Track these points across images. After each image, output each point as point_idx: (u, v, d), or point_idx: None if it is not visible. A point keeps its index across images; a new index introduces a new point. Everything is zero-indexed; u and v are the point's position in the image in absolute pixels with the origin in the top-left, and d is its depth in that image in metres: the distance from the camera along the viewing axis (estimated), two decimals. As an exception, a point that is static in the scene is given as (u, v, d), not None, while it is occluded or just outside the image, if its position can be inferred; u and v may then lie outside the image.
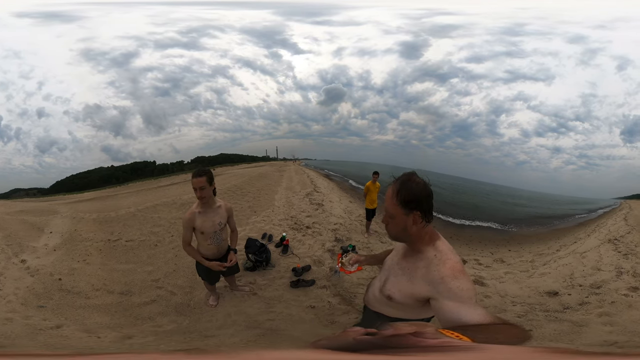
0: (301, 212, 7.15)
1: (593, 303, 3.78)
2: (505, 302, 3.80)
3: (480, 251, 6.47)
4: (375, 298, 1.52)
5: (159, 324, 3.17)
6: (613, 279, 4.42)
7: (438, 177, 21.84)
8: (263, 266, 4.15)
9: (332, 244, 5.24)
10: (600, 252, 5.58)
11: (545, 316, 3.51)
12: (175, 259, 4.56)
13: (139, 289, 3.88)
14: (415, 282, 1.25)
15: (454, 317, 1.04)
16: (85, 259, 4.84)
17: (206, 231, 2.65)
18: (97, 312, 3.39)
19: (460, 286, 1.10)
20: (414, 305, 1.29)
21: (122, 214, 7.18)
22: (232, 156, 16.10)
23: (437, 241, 1.26)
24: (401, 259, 1.38)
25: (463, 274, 1.14)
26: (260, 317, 3.21)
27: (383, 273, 1.52)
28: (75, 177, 10.75)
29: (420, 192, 1.20)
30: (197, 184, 2.46)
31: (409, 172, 1.26)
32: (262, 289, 3.72)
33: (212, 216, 2.67)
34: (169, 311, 3.39)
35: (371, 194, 5.85)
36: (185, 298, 3.60)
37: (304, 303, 3.48)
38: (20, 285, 4.00)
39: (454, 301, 1.08)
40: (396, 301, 1.34)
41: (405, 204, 1.20)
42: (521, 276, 4.71)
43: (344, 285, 3.79)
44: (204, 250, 2.75)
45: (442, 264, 1.18)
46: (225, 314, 3.24)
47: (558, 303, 3.80)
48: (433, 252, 1.23)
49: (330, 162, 23.21)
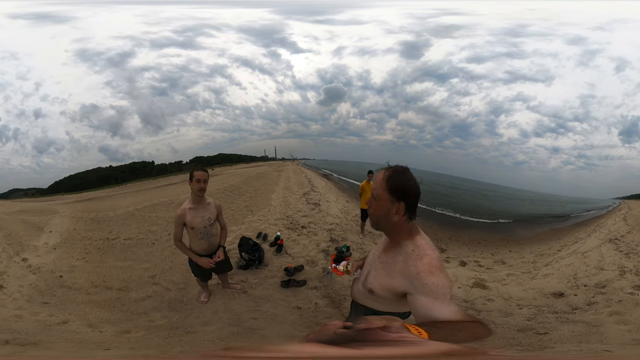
0: (297, 211, 7.19)
1: (601, 302, 3.74)
2: (511, 306, 3.74)
3: (480, 252, 6.35)
4: (359, 291, 1.57)
5: (152, 318, 3.27)
6: (617, 278, 4.41)
7: (437, 177, 21.77)
8: (256, 265, 4.21)
9: (327, 244, 5.25)
10: (602, 252, 5.60)
11: (555, 318, 3.46)
12: (171, 256, 4.67)
13: (136, 285, 3.98)
14: (393, 277, 1.28)
15: (427, 313, 1.07)
16: (84, 257, 4.96)
17: (196, 226, 2.77)
18: (98, 308, 3.50)
19: (435, 282, 1.11)
20: (394, 299, 1.32)
21: (121, 214, 7.29)
22: (230, 156, 16.13)
23: (417, 236, 1.29)
24: (382, 252, 1.42)
25: (439, 269, 1.15)
26: (244, 315, 3.26)
27: (366, 267, 1.57)
28: (73, 177, 10.83)
29: (411, 186, 1.22)
30: (203, 176, 2.66)
31: (404, 166, 1.29)
32: (252, 288, 3.78)
33: (202, 212, 2.80)
34: (163, 306, 3.48)
35: (366, 194, 5.73)
36: (179, 294, 3.70)
37: (292, 303, 3.51)
38: (24, 282, 4.10)
39: (428, 297, 1.09)
40: (377, 295, 1.37)
41: (392, 191, 1.21)
42: (524, 278, 4.64)
43: (335, 287, 3.81)
44: (196, 246, 2.87)
45: (419, 259, 1.18)
46: (213, 310, 3.32)
47: (566, 304, 3.75)
48: (411, 247, 1.25)
49: (329, 162, 23.22)
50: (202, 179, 2.66)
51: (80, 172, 10.76)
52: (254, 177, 12.59)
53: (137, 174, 11.88)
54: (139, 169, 12.03)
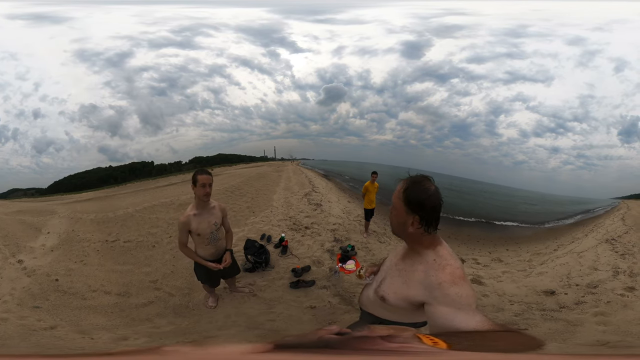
0: (300, 212, 7.13)
1: (589, 302, 3.81)
2: (503, 301, 3.83)
3: (479, 250, 6.47)
4: (368, 299, 1.51)
5: (156, 325, 3.15)
6: (610, 278, 4.45)
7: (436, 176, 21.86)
8: (262, 267, 4.15)
9: (332, 244, 5.23)
10: (597, 252, 5.60)
11: (541, 315, 3.54)
12: (173, 260, 4.55)
13: (137, 290, 3.85)
14: (411, 285, 1.23)
15: (448, 324, 1.02)
16: (82, 259, 4.83)
17: (202, 232, 2.65)
18: (94, 313, 3.37)
19: (459, 292, 1.08)
20: (407, 309, 1.27)
21: (120, 215, 7.16)
22: (230, 156, 16.04)
23: (438, 246, 1.24)
24: (399, 260, 1.36)
25: (463, 279, 1.12)
26: (259, 318, 3.20)
27: (380, 274, 1.50)
28: (73, 178, 10.73)
29: (426, 199, 1.18)
30: (208, 180, 2.53)
31: (424, 175, 1.24)
32: (262, 290, 3.71)
33: (208, 217, 2.68)
34: (167, 312, 3.37)
35: (370, 194, 5.80)
36: (183, 300, 3.58)
37: (304, 303, 3.49)
38: (17, 285, 3.98)
39: (450, 307, 1.06)
40: (389, 303, 1.32)
41: (408, 203, 1.19)
42: (519, 275, 4.73)
43: (344, 285, 3.80)
44: (202, 252, 2.75)
45: (442, 269, 1.16)
46: (224, 315, 3.23)
47: (555, 302, 3.83)
48: (433, 257, 1.21)
49: (328, 162, 23.20)
50: (207, 183, 2.53)
51: (80, 172, 10.66)
52: (254, 178, 12.54)
53: (136, 174, 11.77)
54: (139, 169, 11.93)
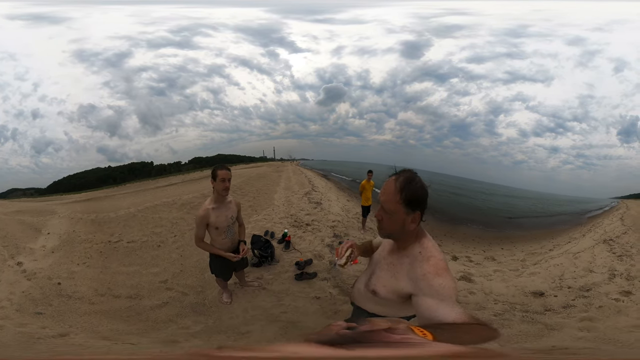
0: (300, 210, 7.24)
1: (578, 307, 3.62)
2: (488, 300, 3.79)
3: (473, 249, 6.43)
4: (360, 293, 1.52)
5: (183, 325, 3.08)
6: (605, 281, 4.27)
7: (435, 176, 21.85)
8: (268, 261, 4.30)
9: (331, 240, 5.37)
10: (594, 253, 5.49)
11: (521, 317, 3.39)
12: (180, 259, 4.51)
13: (148, 292, 3.75)
14: (399, 278, 1.26)
15: (432, 315, 1.04)
16: (85, 261, 4.72)
17: (220, 226, 2.75)
18: (107, 319, 3.23)
19: (442, 284, 1.10)
20: (397, 302, 1.30)
21: (122, 215, 7.09)
22: (229, 157, 15.98)
23: (423, 238, 1.27)
24: (388, 254, 1.38)
25: (446, 271, 1.15)
26: (273, 310, 3.24)
27: (369, 268, 1.53)
28: (72, 177, 10.66)
29: (423, 193, 1.21)
30: (227, 175, 2.66)
31: (409, 170, 1.25)
32: (270, 284, 3.80)
33: (225, 211, 2.79)
34: (187, 312, 3.30)
35: (366, 192, 6.11)
36: (198, 297, 3.54)
37: (310, 294, 3.57)
38: (16, 289, 3.82)
39: (434, 298, 1.08)
40: (380, 296, 1.34)
41: (408, 203, 1.19)
42: (510, 275, 4.66)
43: (342, 277, 3.91)
44: (219, 245, 2.85)
45: (426, 260, 1.18)
46: (242, 309, 3.25)
47: (541, 304, 3.68)
48: (418, 249, 1.24)
49: (328, 162, 23.15)
50: (227, 178, 2.66)
51: (79, 172, 10.61)
52: (255, 178, 12.51)
53: (136, 174, 11.71)
54: (138, 170, 11.86)
